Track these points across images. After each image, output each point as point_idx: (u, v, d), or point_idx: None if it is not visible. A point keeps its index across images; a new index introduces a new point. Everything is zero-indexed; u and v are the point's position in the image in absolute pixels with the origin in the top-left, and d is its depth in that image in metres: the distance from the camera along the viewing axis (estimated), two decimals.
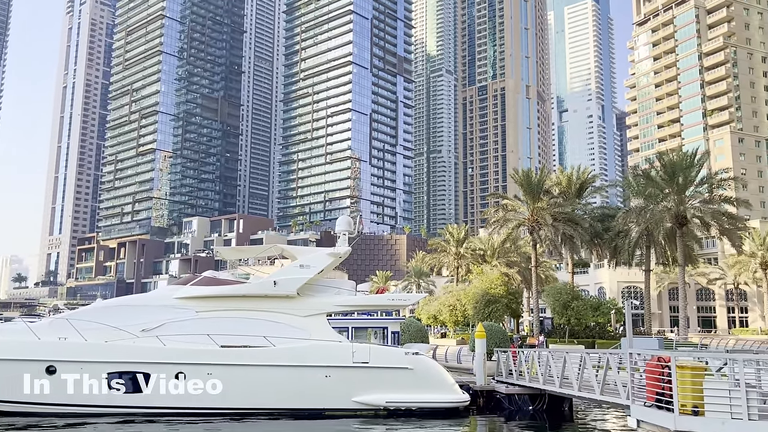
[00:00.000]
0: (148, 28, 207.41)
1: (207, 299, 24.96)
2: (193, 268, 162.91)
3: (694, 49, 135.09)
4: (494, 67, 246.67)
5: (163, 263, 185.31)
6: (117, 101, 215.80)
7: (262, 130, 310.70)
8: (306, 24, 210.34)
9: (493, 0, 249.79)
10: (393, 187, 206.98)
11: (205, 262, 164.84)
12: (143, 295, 27.07)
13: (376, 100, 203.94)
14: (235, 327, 24.34)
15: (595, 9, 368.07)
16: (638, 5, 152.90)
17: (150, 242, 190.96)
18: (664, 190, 53.96)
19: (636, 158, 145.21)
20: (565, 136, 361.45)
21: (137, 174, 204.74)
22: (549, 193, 59.63)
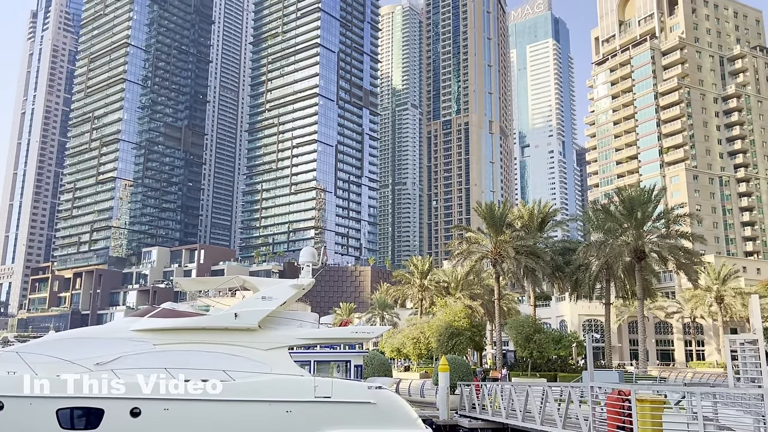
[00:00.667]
0: (112, 55, 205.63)
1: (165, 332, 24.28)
2: (151, 300, 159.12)
3: (651, 89, 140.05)
4: (458, 102, 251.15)
5: (120, 294, 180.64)
6: (77, 128, 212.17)
7: (226, 160, 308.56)
8: (273, 55, 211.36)
9: (457, 37, 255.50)
10: (358, 219, 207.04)
11: (164, 294, 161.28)
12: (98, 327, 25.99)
13: (341, 132, 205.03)
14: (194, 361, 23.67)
15: (556, 48, 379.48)
16: (597, 46, 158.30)
17: (107, 272, 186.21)
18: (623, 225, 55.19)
19: (596, 193, 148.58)
20: (527, 170, 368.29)
21: (96, 203, 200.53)
22: (511, 227, 60.38)
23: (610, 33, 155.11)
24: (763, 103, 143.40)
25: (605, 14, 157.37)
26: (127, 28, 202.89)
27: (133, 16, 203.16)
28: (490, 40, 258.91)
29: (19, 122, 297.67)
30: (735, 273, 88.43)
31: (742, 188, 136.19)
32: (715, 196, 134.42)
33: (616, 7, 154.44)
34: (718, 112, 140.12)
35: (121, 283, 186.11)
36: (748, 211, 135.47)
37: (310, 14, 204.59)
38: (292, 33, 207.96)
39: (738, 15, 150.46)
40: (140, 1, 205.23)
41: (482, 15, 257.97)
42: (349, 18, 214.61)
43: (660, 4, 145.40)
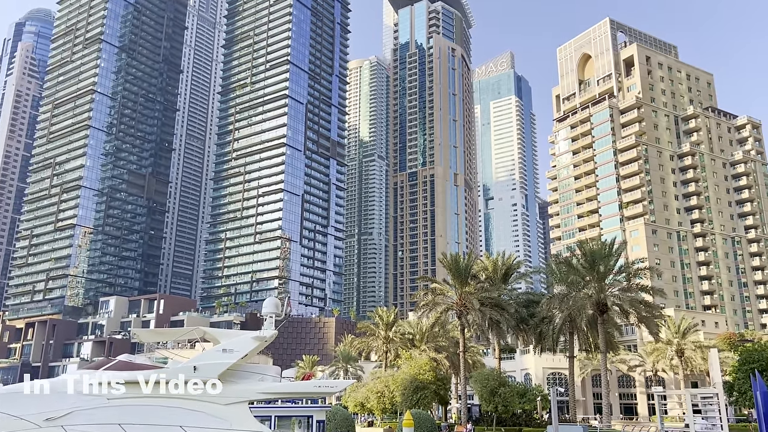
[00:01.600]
0: (77, 102, 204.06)
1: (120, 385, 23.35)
2: (107, 352, 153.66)
3: (610, 146, 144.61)
4: (424, 154, 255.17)
5: (74, 346, 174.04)
6: (38, 174, 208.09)
7: (190, 208, 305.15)
8: (241, 105, 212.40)
9: (423, 92, 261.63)
10: (323, 269, 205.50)
11: (121, 345, 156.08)
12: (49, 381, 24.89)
13: (308, 182, 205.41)
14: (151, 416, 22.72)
15: (519, 105, 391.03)
16: (558, 103, 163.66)
17: (62, 323, 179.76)
18: (586, 278, 55.93)
19: (558, 246, 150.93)
20: (491, 222, 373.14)
21: (53, 250, 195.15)
22: (476, 278, 60.68)
23: (570, 91, 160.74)
24: (716, 162, 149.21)
25: (566, 74, 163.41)
26: (94, 75, 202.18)
27: (101, 63, 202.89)
28: (455, 96, 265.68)
29: None
30: (694, 326, 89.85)
31: (699, 243, 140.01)
32: (674, 251, 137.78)
33: (575, 67, 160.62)
34: (675, 169, 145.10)
35: (76, 333, 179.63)
36: (705, 266, 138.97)
37: (280, 66, 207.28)
38: (261, 84, 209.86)
39: (690, 77, 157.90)
40: (108, 49, 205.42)
41: (448, 72, 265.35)
42: (318, 71, 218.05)
43: (617, 66, 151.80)
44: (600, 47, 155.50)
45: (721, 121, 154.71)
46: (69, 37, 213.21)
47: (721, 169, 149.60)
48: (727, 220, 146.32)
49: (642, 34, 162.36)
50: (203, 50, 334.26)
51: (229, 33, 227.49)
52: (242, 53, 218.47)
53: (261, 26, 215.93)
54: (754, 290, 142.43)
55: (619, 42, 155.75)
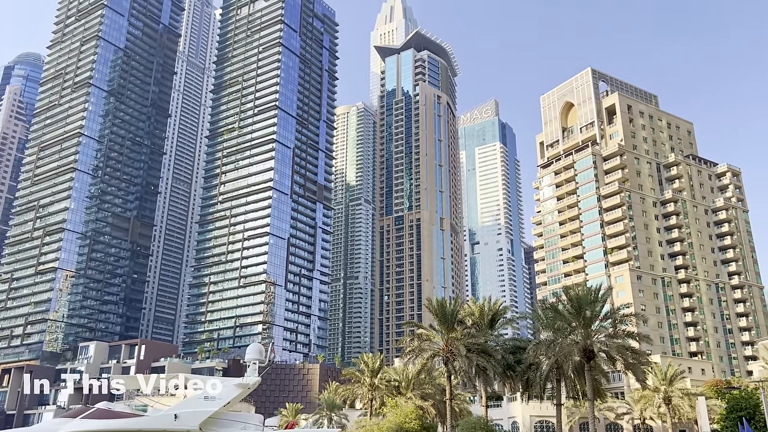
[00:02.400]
0: (63, 145, 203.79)
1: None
2: (85, 399, 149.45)
3: (593, 192, 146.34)
4: (410, 198, 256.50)
5: (51, 393, 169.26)
6: (20, 217, 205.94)
7: (174, 252, 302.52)
8: (228, 149, 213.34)
9: (409, 138, 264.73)
10: (308, 313, 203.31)
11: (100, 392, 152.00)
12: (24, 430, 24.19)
13: (294, 225, 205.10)
14: None
15: (503, 151, 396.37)
16: (542, 150, 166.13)
17: (39, 368, 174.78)
18: (572, 324, 55.65)
19: (544, 291, 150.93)
20: (477, 267, 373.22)
21: (33, 294, 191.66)
22: (463, 324, 60.23)
23: (554, 138, 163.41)
24: (698, 208, 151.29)
25: (549, 121, 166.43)
26: (82, 119, 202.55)
27: (89, 107, 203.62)
28: (441, 142, 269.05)
29: None
30: (681, 374, 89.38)
31: (684, 289, 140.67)
32: (659, 297, 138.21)
33: (558, 115, 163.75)
34: (658, 215, 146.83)
35: (54, 380, 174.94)
36: (690, 312, 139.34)
37: (268, 111, 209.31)
38: (249, 128, 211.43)
39: (671, 126, 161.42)
40: (97, 93, 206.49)
41: (433, 118, 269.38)
42: (306, 116, 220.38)
43: (600, 114, 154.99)
44: (582, 96, 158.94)
45: (702, 168, 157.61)
46: (58, 81, 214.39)
47: (703, 216, 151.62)
48: (711, 266, 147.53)
49: (623, 83, 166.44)
50: (192, 95, 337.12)
51: (218, 78, 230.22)
52: (231, 98, 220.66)
53: (250, 72, 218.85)
54: (739, 337, 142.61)
55: (601, 91, 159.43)
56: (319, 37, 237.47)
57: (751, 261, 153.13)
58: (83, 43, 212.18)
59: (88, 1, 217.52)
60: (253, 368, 25.83)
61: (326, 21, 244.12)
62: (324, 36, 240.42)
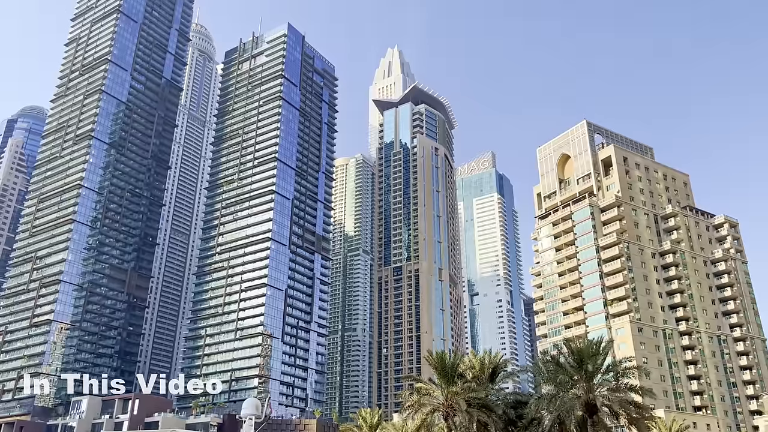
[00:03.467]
0: (63, 196, 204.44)
1: None
2: None
3: (592, 243, 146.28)
4: (409, 249, 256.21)
5: None
6: (17, 269, 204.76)
7: (171, 304, 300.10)
8: (227, 201, 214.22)
9: (407, 189, 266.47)
10: (305, 367, 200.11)
11: None
12: None
13: (292, 276, 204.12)
14: None
15: (501, 202, 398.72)
16: (539, 201, 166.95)
17: (29, 424, 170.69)
18: (574, 377, 54.79)
19: (545, 343, 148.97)
20: (477, 319, 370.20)
21: (27, 347, 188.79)
22: (463, 377, 59.27)
23: (551, 189, 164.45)
24: (696, 260, 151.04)
25: (546, 173, 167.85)
26: (82, 170, 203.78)
27: (90, 159, 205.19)
28: (439, 193, 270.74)
29: None
30: (686, 429, 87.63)
31: (686, 341, 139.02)
32: (661, 349, 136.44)
33: (555, 167, 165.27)
34: (657, 267, 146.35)
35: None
36: (693, 365, 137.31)
37: (267, 163, 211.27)
38: (248, 180, 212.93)
39: (667, 177, 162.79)
40: (98, 145, 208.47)
41: (431, 170, 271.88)
42: (305, 168, 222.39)
43: (596, 166, 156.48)
44: (578, 148, 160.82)
45: (700, 219, 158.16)
46: (60, 134, 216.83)
47: (702, 267, 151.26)
48: (712, 318, 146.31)
49: (618, 135, 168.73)
50: (192, 147, 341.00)
51: (219, 131, 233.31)
52: (231, 150, 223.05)
53: (250, 125, 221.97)
54: (743, 390, 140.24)
55: (597, 143, 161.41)
56: (318, 91, 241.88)
57: (753, 313, 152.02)
58: (86, 97, 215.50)
59: (92, 57, 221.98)
60: (249, 424, 25.21)
61: (326, 76, 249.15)
62: (324, 90, 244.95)
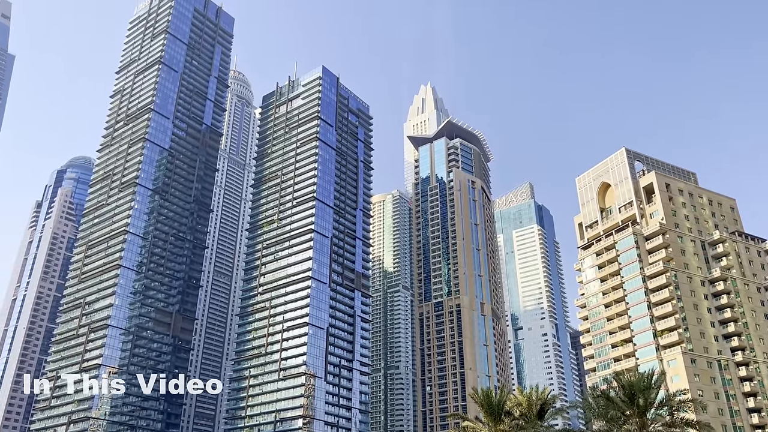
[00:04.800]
0: (110, 242, 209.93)
1: None
2: None
3: (638, 272, 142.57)
4: (449, 284, 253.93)
5: None
6: (67, 314, 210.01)
7: (215, 345, 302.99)
8: (268, 241, 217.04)
9: (445, 223, 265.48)
10: (348, 406, 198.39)
11: None
12: None
13: (333, 314, 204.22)
14: None
15: (541, 233, 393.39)
16: (581, 231, 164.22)
17: None
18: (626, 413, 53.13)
19: (594, 378, 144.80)
20: (522, 353, 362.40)
21: (76, 392, 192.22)
22: (510, 415, 58.00)
23: (592, 219, 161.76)
24: (749, 287, 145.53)
25: (586, 202, 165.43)
26: (127, 217, 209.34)
27: (135, 205, 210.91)
28: (478, 226, 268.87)
29: (9, 309, 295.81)
30: None
31: (743, 372, 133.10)
32: (716, 381, 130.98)
33: (596, 196, 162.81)
34: (707, 295, 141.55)
35: None
36: (752, 397, 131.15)
37: (306, 203, 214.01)
38: (288, 220, 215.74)
39: (713, 203, 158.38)
40: (142, 192, 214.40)
41: (468, 203, 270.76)
42: (343, 206, 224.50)
43: (638, 194, 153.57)
44: (618, 176, 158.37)
45: (750, 245, 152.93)
46: (106, 182, 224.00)
47: (756, 294, 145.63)
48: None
49: (659, 162, 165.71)
50: (233, 190, 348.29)
51: (258, 173, 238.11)
52: (270, 191, 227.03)
53: (288, 166, 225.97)
54: None
55: (637, 170, 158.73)
56: (354, 131, 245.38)
57: None
58: (131, 145, 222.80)
59: (136, 106, 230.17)
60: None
61: (360, 115, 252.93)
62: (359, 129, 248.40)
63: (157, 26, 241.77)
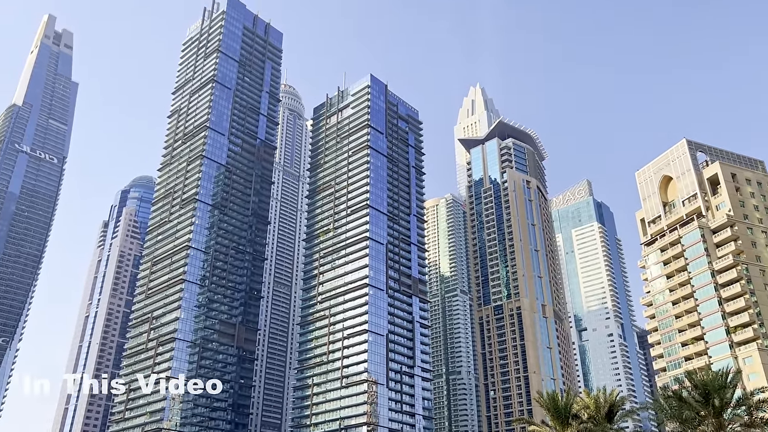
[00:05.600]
0: (173, 258, 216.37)
1: None
2: None
3: (706, 267, 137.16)
4: (508, 287, 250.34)
5: None
6: (136, 329, 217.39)
7: (278, 355, 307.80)
8: (324, 250, 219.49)
9: (501, 225, 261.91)
10: (412, 413, 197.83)
11: None
12: None
13: (392, 321, 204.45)
14: None
15: (602, 231, 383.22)
16: (644, 227, 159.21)
17: None
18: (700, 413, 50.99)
19: (664, 378, 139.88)
20: (587, 355, 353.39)
21: (148, 404, 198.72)
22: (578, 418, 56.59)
23: (655, 214, 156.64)
24: None
25: (647, 197, 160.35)
26: (189, 232, 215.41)
27: (195, 221, 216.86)
28: (535, 226, 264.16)
29: (83, 326, 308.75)
30: None
31: None
32: None
33: (657, 190, 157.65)
34: None
35: None
36: None
37: (360, 210, 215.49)
38: (343, 228, 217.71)
39: None
40: (202, 208, 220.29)
41: (524, 203, 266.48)
42: (396, 212, 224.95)
43: (702, 185, 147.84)
44: (680, 168, 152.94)
45: None
46: (167, 199, 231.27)
47: None
48: None
49: (723, 151, 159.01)
50: (288, 202, 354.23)
51: (312, 184, 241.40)
52: (324, 201, 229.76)
53: (341, 175, 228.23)
54: None
55: (700, 162, 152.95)
56: (404, 137, 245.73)
57: None
58: (189, 163, 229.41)
59: (192, 125, 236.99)
60: None
61: (410, 120, 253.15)
62: (409, 135, 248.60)
63: (209, 46, 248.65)
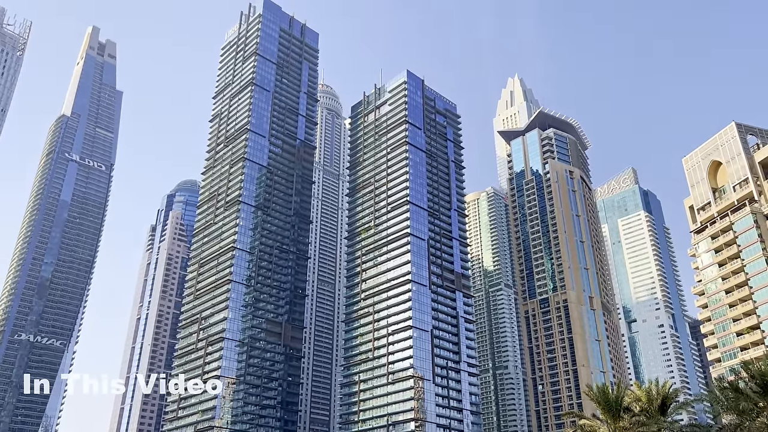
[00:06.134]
0: (220, 259, 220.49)
1: None
2: None
3: (760, 254, 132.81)
4: (553, 279, 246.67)
5: None
6: (186, 330, 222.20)
7: (324, 352, 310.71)
8: (366, 247, 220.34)
9: (544, 217, 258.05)
10: (459, 408, 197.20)
11: None
12: None
13: (436, 317, 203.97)
14: None
15: (649, 220, 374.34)
16: (693, 214, 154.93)
17: None
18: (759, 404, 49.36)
19: (719, 369, 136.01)
20: (638, 347, 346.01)
21: (200, 402, 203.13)
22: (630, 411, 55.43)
23: (704, 201, 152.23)
24: None
25: (696, 183, 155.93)
26: (234, 234, 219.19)
27: (240, 222, 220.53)
28: (579, 217, 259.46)
29: (134, 328, 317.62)
30: None
31: None
32: None
33: (706, 176, 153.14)
34: None
35: None
36: None
37: (400, 207, 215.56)
38: (384, 225, 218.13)
39: None
40: (246, 209, 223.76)
41: (568, 194, 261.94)
42: (437, 207, 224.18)
43: (753, 169, 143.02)
44: (730, 152, 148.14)
45: None
46: (212, 202, 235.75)
47: None
48: None
49: None
50: (329, 200, 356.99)
51: (352, 182, 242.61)
52: (365, 199, 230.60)
53: (380, 173, 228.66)
54: None
55: (751, 145, 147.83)
56: (442, 131, 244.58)
57: None
58: (231, 165, 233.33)
59: (234, 128, 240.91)
60: None
61: (448, 115, 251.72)
62: (447, 129, 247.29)
63: (247, 49, 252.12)
